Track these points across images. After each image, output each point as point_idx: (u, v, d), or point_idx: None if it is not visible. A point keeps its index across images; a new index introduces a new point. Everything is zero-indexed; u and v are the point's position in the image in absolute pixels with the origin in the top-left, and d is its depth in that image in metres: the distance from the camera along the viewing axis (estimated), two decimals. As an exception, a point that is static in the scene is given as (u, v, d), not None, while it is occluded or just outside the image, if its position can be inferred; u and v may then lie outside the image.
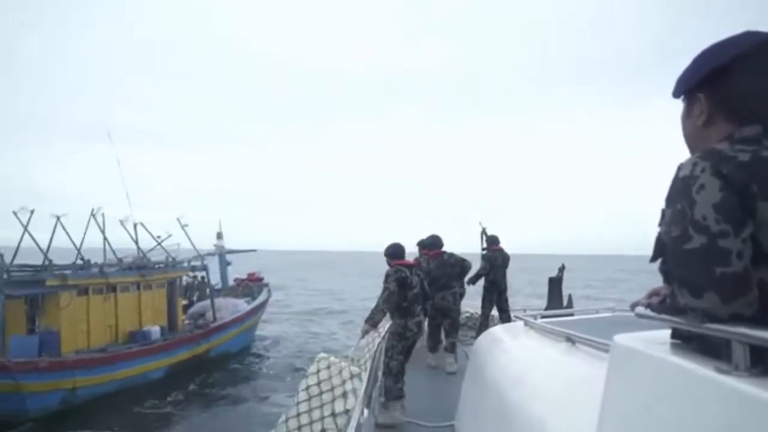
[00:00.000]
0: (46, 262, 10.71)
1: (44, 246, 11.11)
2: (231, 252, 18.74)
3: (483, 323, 8.12)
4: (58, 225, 11.82)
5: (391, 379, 5.21)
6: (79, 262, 11.73)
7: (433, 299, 6.82)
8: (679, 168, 1.12)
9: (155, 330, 12.24)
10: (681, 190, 1.08)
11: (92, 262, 12.22)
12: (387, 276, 5.48)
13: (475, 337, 5.43)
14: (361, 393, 4.29)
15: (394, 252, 5.83)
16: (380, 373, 5.45)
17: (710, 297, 0.99)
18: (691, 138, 1.28)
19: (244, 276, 19.49)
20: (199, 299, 16.32)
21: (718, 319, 0.99)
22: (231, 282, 18.80)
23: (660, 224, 1.19)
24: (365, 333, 5.81)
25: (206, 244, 18.07)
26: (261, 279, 19.34)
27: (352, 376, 5.93)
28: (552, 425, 1.72)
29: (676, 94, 1.32)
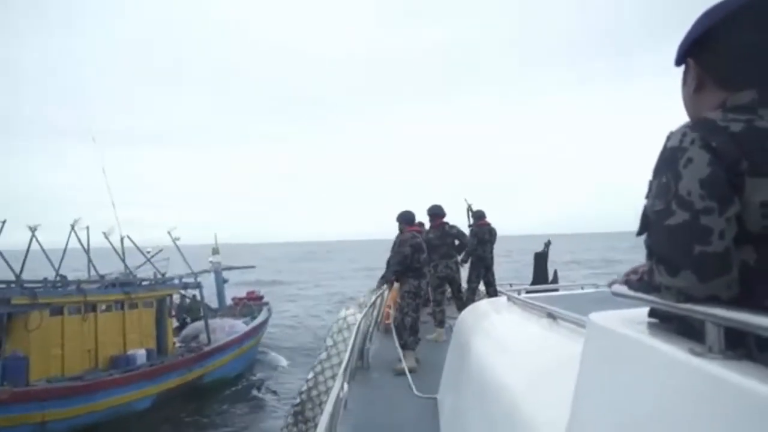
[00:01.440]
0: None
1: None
2: (228, 269, 17.50)
3: (469, 297, 7.96)
4: (42, 235, 10.68)
5: (406, 332, 5.80)
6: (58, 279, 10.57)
7: (436, 268, 7.26)
8: (668, 138, 1.07)
9: (141, 354, 10.95)
10: (668, 161, 1.03)
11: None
12: (402, 241, 6.04)
13: (459, 311, 5.51)
14: (341, 369, 4.22)
15: (410, 218, 6.39)
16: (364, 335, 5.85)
17: (687, 276, 0.96)
18: (687, 106, 1.24)
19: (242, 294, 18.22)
20: (193, 320, 15.07)
21: (694, 299, 0.96)
22: (228, 301, 17.54)
23: (647, 196, 1.13)
24: (380, 288, 6.61)
25: (205, 245, 16.91)
26: (261, 297, 18.07)
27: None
28: (530, 400, 1.71)
29: (676, 62, 1.26)
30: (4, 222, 9.95)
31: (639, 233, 1.16)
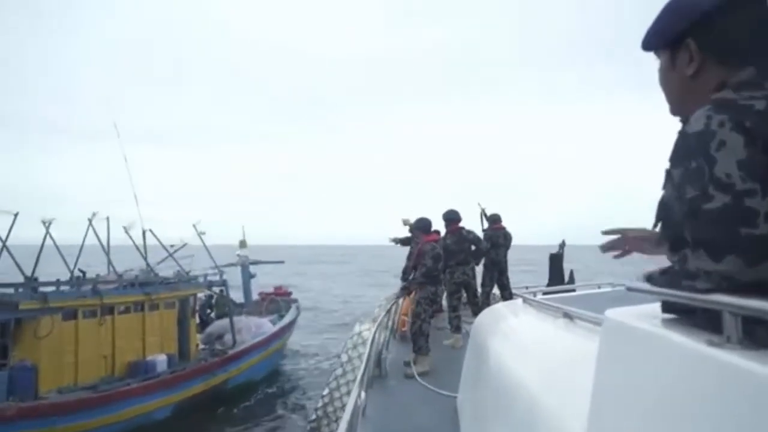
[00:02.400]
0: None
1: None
2: (255, 263, 16.64)
3: (484, 301, 7.94)
4: (50, 231, 9.92)
5: (423, 338, 5.86)
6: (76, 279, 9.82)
7: (453, 274, 7.16)
8: (687, 124, 1.02)
9: (161, 359, 10.15)
10: (695, 147, 0.98)
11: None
12: (423, 252, 6.12)
13: (475, 315, 5.44)
14: (359, 377, 4.22)
15: (427, 226, 6.47)
16: (377, 342, 5.67)
17: (732, 260, 0.91)
18: (679, 91, 1.20)
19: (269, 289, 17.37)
20: (218, 316, 14.28)
21: (740, 284, 0.91)
22: (255, 296, 16.74)
23: (664, 187, 1.11)
24: (399, 298, 6.94)
25: (221, 247, 16.04)
26: (289, 293, 17.21)
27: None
28: (548, 400, 1.70)
29: (654, 46, 1.24)
30: (16, 215, 9.19)
31: (655, 225, 1.15)
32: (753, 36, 1.09)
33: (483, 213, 8.96)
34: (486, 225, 8.94)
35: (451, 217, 7.40)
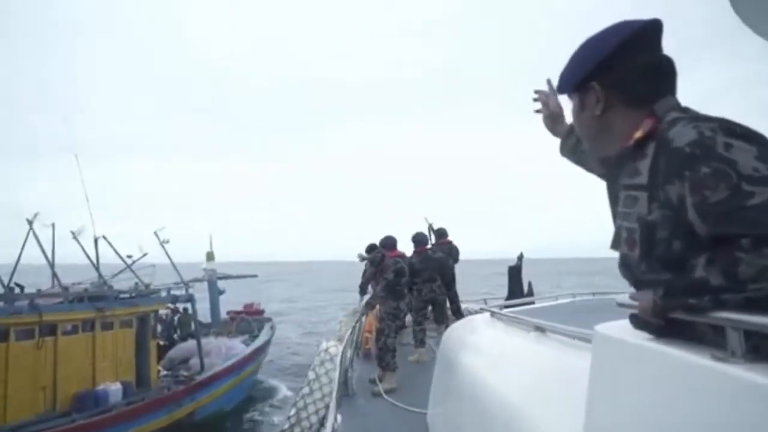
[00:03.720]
0: None
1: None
2: (225, 278, 14.99)
3: (444, 313, 8.11)
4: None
5: (389, 354, 5.91)
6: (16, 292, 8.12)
7: (421, 291, 7.39)
8: (670, 140, 1.03)
9: (115, 389, 8.50)
10: (700, 154, 0.96)
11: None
12: (385, 267, 6.34)
13: (441, 330, 5.65)
14: (333, 398, 4.17)
15: (392, 243, 6.81)
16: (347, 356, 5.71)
17: None
18: (590, 129, 1.28)
19: (239, 308, 15.72)
20: (182, 338, 12.62)
21: None
22: (223, 315, 15.08)
23: (630, 208, 1.11)
24: (363, 315, 7.31)
25: (187, 265, 14.34)
26: (261, 312, 15.60)
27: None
28: (526, 413, 1.70)
29: (565, 91, 1.32)
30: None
31: (614, 245, 1.18)
32: (650, 78, 1.16)
33: (430, 227, 9.14)
34: (433, 239, 9.09)
35: (419, 240, 7.78)
